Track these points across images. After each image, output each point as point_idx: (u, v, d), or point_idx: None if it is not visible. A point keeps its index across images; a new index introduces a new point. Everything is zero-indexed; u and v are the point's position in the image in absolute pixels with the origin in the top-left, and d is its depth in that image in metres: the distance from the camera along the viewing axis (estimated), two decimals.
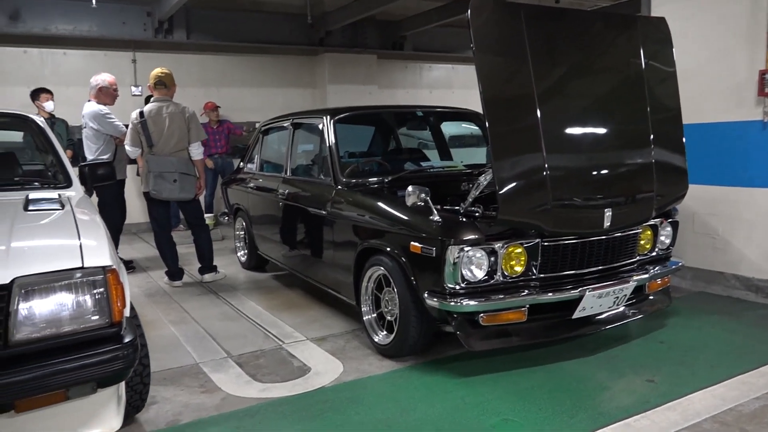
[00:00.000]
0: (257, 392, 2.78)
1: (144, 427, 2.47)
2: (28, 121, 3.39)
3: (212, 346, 3.42)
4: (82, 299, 1.88)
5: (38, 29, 6.96)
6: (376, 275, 3.22)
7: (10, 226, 2.12)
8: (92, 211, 2.53)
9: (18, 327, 1.77)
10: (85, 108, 5.08)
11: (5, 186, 2.85)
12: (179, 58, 7.93)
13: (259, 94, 8.68)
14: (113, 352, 1.87)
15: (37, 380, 1.74)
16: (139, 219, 7.33)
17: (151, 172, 4.58)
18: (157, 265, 5.26)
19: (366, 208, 3.32)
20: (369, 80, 9.18)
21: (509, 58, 2.80)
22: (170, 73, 4.74)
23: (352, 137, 4.33)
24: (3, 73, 7.18)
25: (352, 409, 2.57)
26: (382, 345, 3.16)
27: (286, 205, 4.29)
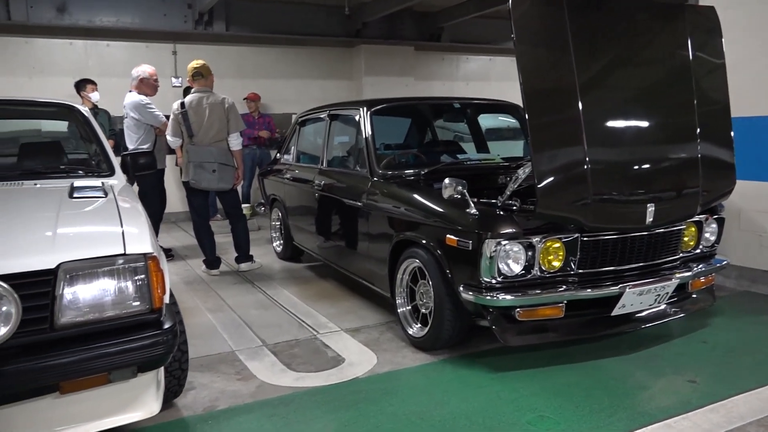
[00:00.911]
0: (292, 381, 2.81)
1: (182, 412, 2.52)
2: (73, 111, 3.48)
3: (248, 334, 3.47)
4: (124, 285, 1.92)
5: (84, 21, 7.13)
6: (411, 268, 3.21)
7: (57, 213, 2.17)
8: (134, 200, 2.58)
9: (63, 311, 1.81)
10: (126, 98, 5.19)
11: (51, 174, 2.92)
12: (218, 49, 8.03)
13: (296, 86, 8.73)
14: (153, 338, 1.90)
15: (81, 363, 1.79)
16: (178, 208, 7.47)
17: (191, 162, 4.65)
18: (195, 254, 5.36)
19: (402, 200, 3.30)
20: (405, 72, 9.14)
21: (551, 49, 2.74)
22: (205, 63, 4.80)
23: (389, 129, 4.31)
24: (50, 64, 7.39)
25: (386, 401, 2.57)
26: (417, 338, 3.15)
27: (321, 196, 4.31)
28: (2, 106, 3.55)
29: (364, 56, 8.84)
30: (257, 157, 7.73)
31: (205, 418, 2.46)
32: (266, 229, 6.38)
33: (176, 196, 7.24)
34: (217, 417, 2.47)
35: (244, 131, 4.92)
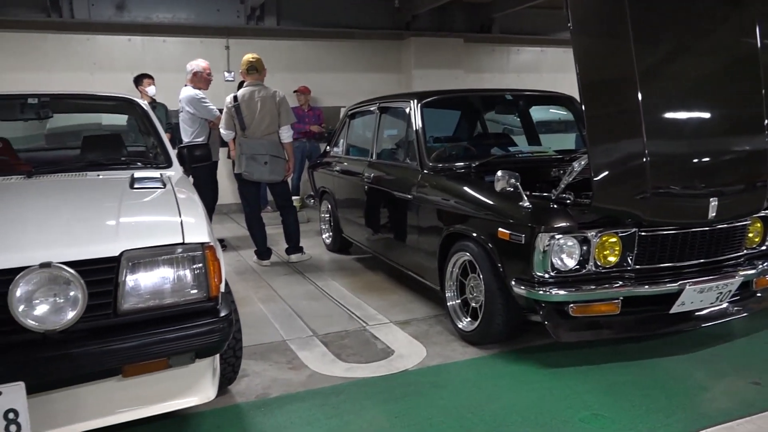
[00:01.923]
0: (342, 371, 2.83)
1: (236, 399, 2.58)
2: (133, 105, 3.59)
3: (299, 324, 3.52)
4: (183, 273, 1.97)
5: (141, 18, 7.35)
6: (462, 261, 3.18)
7: (119, 203, 2.25)
8: (191, 190, 2.65)
9: (125, 297, 1.88)
10: (181, 92, 5.33)
11: (113, 165, 3.03)
12: (269, 44, 8.14)
13: (345, 79, 8.77)
14: (210, 325, 1.95)
15: (142, 347, 1.85)
16: (230, 200, 7.62)
17: (244, 154, 4.74)
18: (246, 245, 5.46)
19: (452, 192, 3.28)
20: (455, 64, 9.05)
21: (609, 38, 2.66)
22: (260, 58, 4.87)
23: (439, 121, 4.28)
24: (110, 60, 7.65)
25: (436, 394, 2.57)
26: (466, 331, 3.13)
27: (371, 189, 4.32)
28: (67, 100, 3.70)
29: (414, 49, 8.80)
30: (307, 149, 7.82)
31: (258, 405, 2.51)
32: (315, 221, 6.44)
33: (228, 188, 7.39)
34: (269, 404, 2.52)
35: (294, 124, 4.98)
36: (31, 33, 7.31)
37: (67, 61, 7.48)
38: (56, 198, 2.49)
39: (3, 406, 1.68)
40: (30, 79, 6.99)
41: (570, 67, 2.54)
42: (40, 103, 3.20)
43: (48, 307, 1.75)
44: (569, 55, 2.62)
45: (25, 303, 1.73)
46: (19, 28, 7.23)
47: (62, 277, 1.75)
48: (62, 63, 7.45)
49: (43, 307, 1.75)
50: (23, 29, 7.26)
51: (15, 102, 3.27)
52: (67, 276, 1.75)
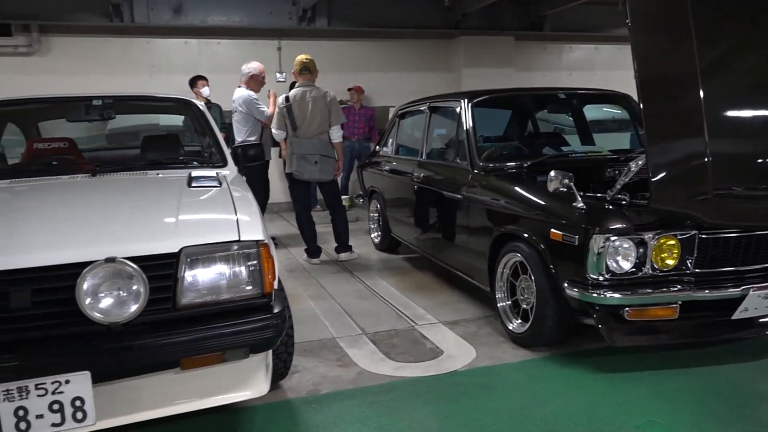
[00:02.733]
0: (391, 370, 2.84)
1: (287, 394, 2.62)
2: (190, 105, 3.69)
3: (348, 322, 3.55)
4: (238, 270, 2.01)
5: (197, 21, 7.55)
6: (512, 262, 3.15)
7: (178, 201, 2.32)
8: (245, 189, 2.71)
9: (184, 292, 1.93)
10: (235, 93, 5.45)
11: (171, 164, 3.12)
12: (320, 45, 8.24)
13: (394, 79, 8.79)
14: (264, 321, 1.98)
15: (199, 341, 1.90)
16: (280, 199, 7.75)
17: (295, 153, 4.81)
18: (296, 243, 5.55)
19: (503, 192, 3.24)
20: (505, 63, 8.95)
21: (669, 33, 2.58)
22: (313, 59, 4.94)
23: (490, 121, 4.25)
24: (168, 62, 7.90)
25: (485, 395, 2.55)
26: (517, 333, 3.09)
27: (420, 188, 4.32)
28: (128, 101, 3.84)
29: (463, 48, 8.74)
30: (356, 149, 7.87)
31: (309, 401, 2.55)
32: (364, 221, 6.48)
33: (279, 187, 7.52)
34: (320, 400, 2.55)
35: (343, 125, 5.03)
36: (94, 37, 7.62)
37: (128, 63, 7.76)
38: (119, 196, 2.59)
39: (70, 394, 1.76)
40: (93, 82, 7.29)
41: (625, 64, 2.49)
42: (104, 104, 3.34)
43: (112, 300, 1.82)
44: (624, 52, 2.57)
45: (91, 296, 1.80)
46: (84, 33, 7.55)
47: (126, 272, 1.82)
48: (123, 66, 7.74)
49: (108, 301, 1.82)
50: (87, 34, 7.58)
51: (80, 104, 3.41)
52: (130, 270, 1.82)
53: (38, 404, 1.74)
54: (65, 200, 2.50)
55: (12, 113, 3.84)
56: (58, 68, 7.53)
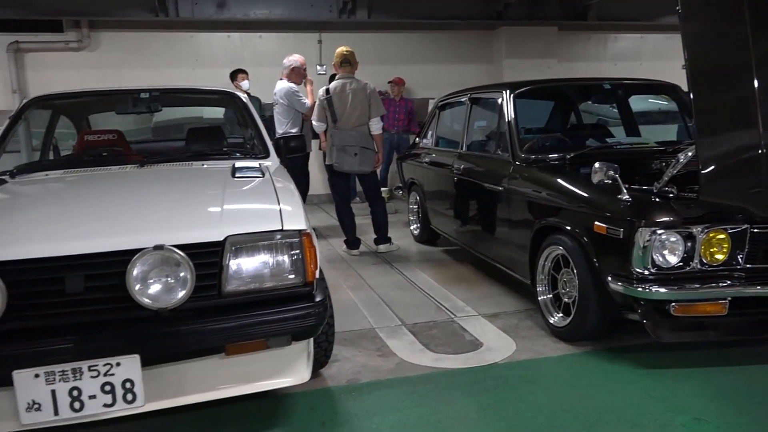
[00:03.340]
0: (430, 361, 2.85)
1: (327, 382, 2.65)
2: (234, 98, 3.76)
3: (387, 313, 3.57)
4: (281, 259, 2.04)
5: (240, 15, 7.65)
6: (554, 255, 3.11)
7: (223, 191, 2.37)
8: (287, 180, 2.74)
9: (229, 280, 1.97)
10: (277, 86, 5.52)
11: (215, 155, 3.19)
12: (360, 37, 8.24)
13: (434, 71, 8.75)
14: (307, 309, 2.01)
15: (243, 328, 1.94)
16: (320, 191, 7.83)
17: (335, 145, 4.84)
18: (336, 234, 5.59)
19: (546, 184, 3.20)
20: (548, 54, 8.79)
21: (722, 22, 2.49)
22: (353, 51, 4.95)
23: (532, 112, 4.19)
24: (211, 56, 8.05)
25: (526, 389, 2.53)
26: (558, 327, 3.05)
27: (460, 180, 4.30)
28: (174, 94, 3.93)
29: (505, 38, 8.63)
30: (395, 141, 7.88)
31: (349, 390, 2.58)
32: (403, 213, 6.49)
33: (318, 179, 7.59)
34: (359, 389, 2.58)
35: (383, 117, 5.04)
36: (141, 32, 7.82)
37: (172, 57, 7.93)
38: (166, 186, 2.66)
39: (121, 376, 1.82)
40: (139, 75, 7.49)
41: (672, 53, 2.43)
42: (151, 97, 3.43)
43: (161, 286, 1.88)
44: (672, 41, 2.51)
45: (141, 282, 1.86)
46: (131, 28, 7.76)
47: (173, 259, 1.87)
48: (167, 59, 7.92)
49: (157, 287, 1.87)
50: (134, 29, 7.78)
51: (128, 96, 3.51)
52: (177, 258, 1.87)
53: (91, 385, 1.81)
54: (115, 190, 2.58)
55: (64, 106, 3.97)
56: (106, 62, 7.76)
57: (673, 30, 8.97)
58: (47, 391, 1.78)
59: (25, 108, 3.38)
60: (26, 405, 1.77)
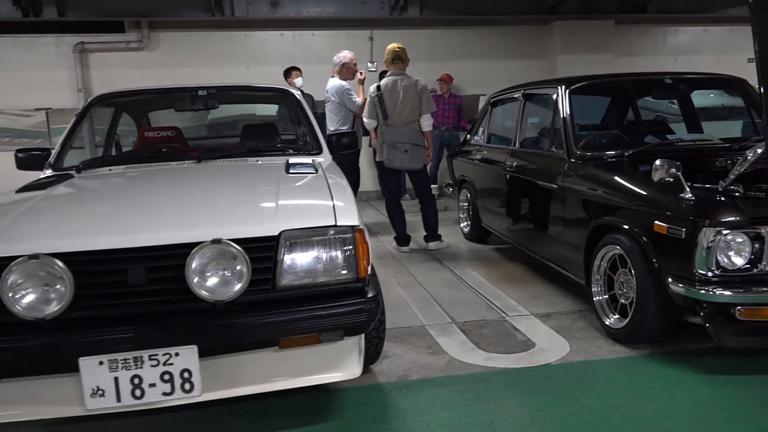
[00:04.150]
0: (481, 360, 2.82)
1: (378, 378, 2.66)
2: (288, 95, 3.81)
3: (437, 310, 3.55)
4: (334, 254, 2.05)
5: (293, 13, 7.76)
6: (611, 255, 3.02)
7: (277, 187, 2.40)
8: (340, 176, 2.76)
9: (283, 274, 2.00)
10: (329, 83, 5.57)
11: (270, 152, 3.24)
12: (410, 33, 8.23)
13: (485, 67, 8.65)
14: (359, 305, 2.02)
15: (297, 322, 1.96)
16: (370, 187, 7.86)
17: (385, 142, 4.85)
18: (386, 231, 5.60)
19: (602, 182, 3.11)
20: (603, 48, 8.56)
21: None
22: (404, 47, 4.94)
23: (589, 108, 4.09)
24: (265, 54, 8.20)
25: (580, 391, 2.47)
26: (614, 329, 2.97)
27: (512, 178, 4.23)
28: (230, 91, 4.01)
29: (559, 33, 8.45)
30: (445, 138, 7.83)
31: (399, 386, 2.58)
32: (453, 210, 6.45)
33: (368, 176, 7.62)
34: (410, 386, 2.58)
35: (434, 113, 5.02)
36: (197, 32, 8.04)
37: (227, 56, 8.12)
38: (223, 181, 2.72)
39: (180, 366, 1.88)
40: (196, 74, 7.69)
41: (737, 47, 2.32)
42: (208, 94, 3.51)
43: (218, 279, 1.92)
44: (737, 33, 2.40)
45: (199, 275, 1.90)
46: (188, 28, 7.98)
47: (230, 253, 1.91)
48: (223, 58, 8.11)
49: (214, 280, 1.91)
50: (191, 29, 8.00)
51: (186, 94, 3.61)
52: (234, 252, 1.90)
53: (151, 374, 1.87)
54: (174, 185, 2.66)
55: (126, 104, 4.12)
56: (164, 62, 8.01)
57: (738, 22, 8.59)
58: (110, 378, 1.85)
59: (91, 105, 3.51)
60: (91, 391, 1.84)
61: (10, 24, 7.47)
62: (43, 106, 7.98)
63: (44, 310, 1.82)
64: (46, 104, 7.97)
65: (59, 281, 1.83)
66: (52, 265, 1.82)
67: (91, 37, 7.88)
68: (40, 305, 1.83)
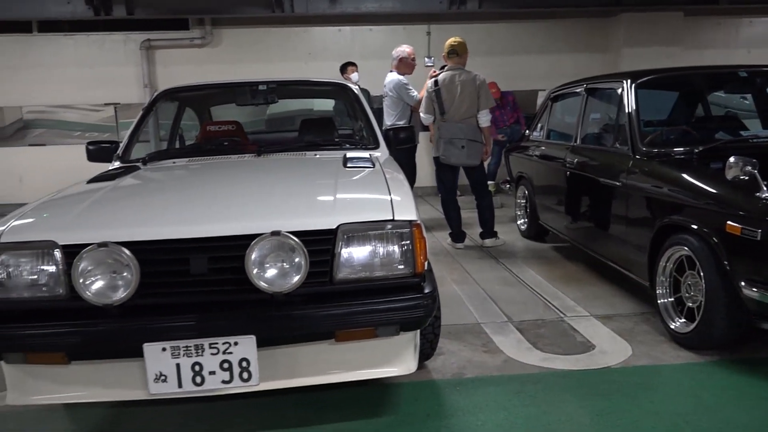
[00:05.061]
0: (538, 360, 2.75)
1: (432, 375, 2.64)
2: (346, 89, 3.83)
3: (493, 308, 3.49)
4: (391, 249, 2.04)
5: (351, 9, 7.78)
6: (678, 256, 2.89)
7: (335, 180, 2.41)
8: (397, 171, 2.74)
9: (340, 267, 2.00)
10: (387, 77, 5.57)
11: (327, 146, 3.26)
12: (469, 28, 8.12)
13: (545, 61, 8.46)
14: (415, 300, 2.00)
15: (353, 315, 1.96)
16: (425, 183, 7.82)
17: (442, 138, 4.81)
18: (440, 227, 5.56)
19: (670, 180, 2.98)
20: (671, 41, 8.21)
21: None
22: (462, 41, 4.88)
23: (655, 103, 3.92)
24: (322, 50, 8.27)
25: (644, 396, 2.38)
26: (680, 333, 2.85)
27: (573, 174, 4.12)
28: (290, 86, 4.06)
29: (624, 26, 8.16)
30: (509, 134, 7.69)
31: (453, 384, 2.55)
32: (509, 207, 6.35)
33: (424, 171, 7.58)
34: (465, 384, 2.54)
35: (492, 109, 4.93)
36: (257, 28, 8.18)
37: (286, 52, 8.24)
38: (282, 174, 2.76)
39: (238, 355, 1.91)
40: (256, 70, 7.84)
41: None
42: (269, 89, 3.56)
43: (276, 271, 1.93)
44: None
45: (258, 266, 1.93)
46: (249, 24, 8.14)
47: (289, 245, 1.92)
48: (281, 54, 8.23)
49: (273, 271, 1.93)
50: (252, 25, 8.15)
51: (247, 89, 3.67)
52: (292, 244, 1.91)
53: (211, 361, 1.91)
54: (235, 177, 2.71)
55: (189, 99, 4.23)
56: (226, 58, 8.20)
57: None
58: (173, 365, 1.90)
59: (157, 100, 3.62)
60: (154, 376, 1.90)
61: (83, 23, 7.81)
62: (112, 101, 8.32)
63: (112, 296, 1.88)
64: (115, 99, 8.31)
65: (126, 269, 1.89)
66: (119, 253, 1.88)
67: (157, 35, 8.14)
68: (108, 291, 1.89)
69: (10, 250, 1.96)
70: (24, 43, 8.10)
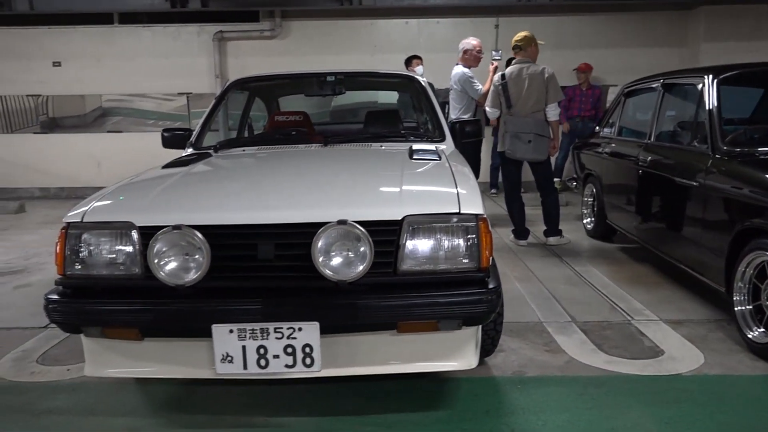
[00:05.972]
0: (603, 363, 2.67)
1: (492, 371, 2.61)
2: (413, 82, 3.82)
3: (556, 307, 3.41)
4: (456, 242, 2.02)
5: (419, 2, 7.75)
6: (758, 262, 2.74)
7: (401, 172, 2.40)
8: (463, 164, 2.71)
9: (404, 259, 2.00)
10: (453, 70, 5.52)
11: (393, 138, 3.26)
12: (538, 21, 7.95)
13: (617, 56, 8.17)
14: (479, 295, 1.97)
15: (416, 307, 1.95)
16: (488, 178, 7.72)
17: (508, 132, 4.73)
18: (502, 223, 5.48)
19: (753, 181, 2.82)
20: (755, 36, 7.77)
21: None
22: (527, 36, 4.78)
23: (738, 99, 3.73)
24: (389, 42, 8.28)
25: (715, 407, 2.27)
26: (758, 343, 2.70)
27: (645, 173, 3.96)
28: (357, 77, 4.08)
29: (704, 19, 7.78)
30: (578, 130, 7.48)
31: (515, 382, 2.51)
32: (574, 205, 6.19)
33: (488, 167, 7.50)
34: (525, 383, 2.50)
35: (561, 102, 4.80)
36: (325, 21, 8.28)
37: (352, 44, 8.30)
38: (348, 164, 2.78)
39: (302, 340, 1.94)
40: (322, 61, 7.94)
41: None
42: (336, 80, 3.59)
43: (341, 259, 1.95)
44: None
45: (324, 254, 1.95)
46: (317, 16, 8.25)
47: (354, 234, 1.93)
48: (348, 46, 8.29)
49: (338, 260, 1.95)
50: (320, 18, 8.25)
51: (316, 80, 3.72)
52: (358, 233, 1.92)
53: (275, 345, 1.95)
54: (303, 166, 2.75)
55: (259, 89, 4.32)
56: (294, 50, 8.34)
57: None
58: (239, 347, 1.95)
59: (229, 89, 3.72)
60: (221, 356, 1.96)
61: (160, 14, 8.12)
62: (185, 90, 8.62)
63: (184, 277, 1.95)
64: (187, 89, 8.61)
65: (198, 251, 1.95)
66: (192, 236, 1.94)
67: (229, 26, 8.37)
68: (180, 273, 1.96)
69: (92, 230, 2.06)
70: (106, 35, 8.51)
